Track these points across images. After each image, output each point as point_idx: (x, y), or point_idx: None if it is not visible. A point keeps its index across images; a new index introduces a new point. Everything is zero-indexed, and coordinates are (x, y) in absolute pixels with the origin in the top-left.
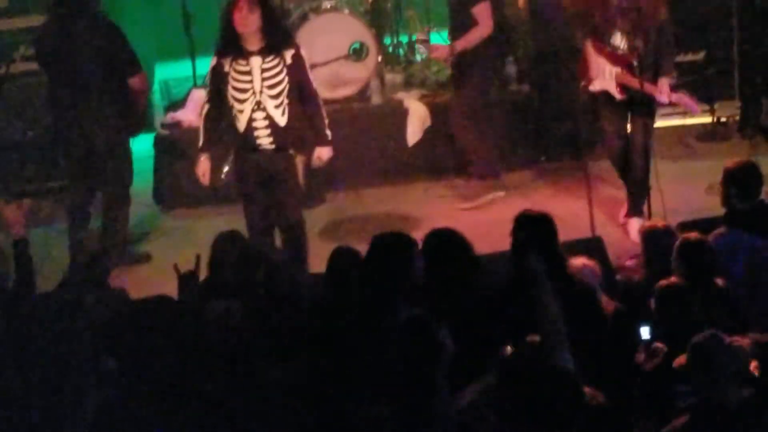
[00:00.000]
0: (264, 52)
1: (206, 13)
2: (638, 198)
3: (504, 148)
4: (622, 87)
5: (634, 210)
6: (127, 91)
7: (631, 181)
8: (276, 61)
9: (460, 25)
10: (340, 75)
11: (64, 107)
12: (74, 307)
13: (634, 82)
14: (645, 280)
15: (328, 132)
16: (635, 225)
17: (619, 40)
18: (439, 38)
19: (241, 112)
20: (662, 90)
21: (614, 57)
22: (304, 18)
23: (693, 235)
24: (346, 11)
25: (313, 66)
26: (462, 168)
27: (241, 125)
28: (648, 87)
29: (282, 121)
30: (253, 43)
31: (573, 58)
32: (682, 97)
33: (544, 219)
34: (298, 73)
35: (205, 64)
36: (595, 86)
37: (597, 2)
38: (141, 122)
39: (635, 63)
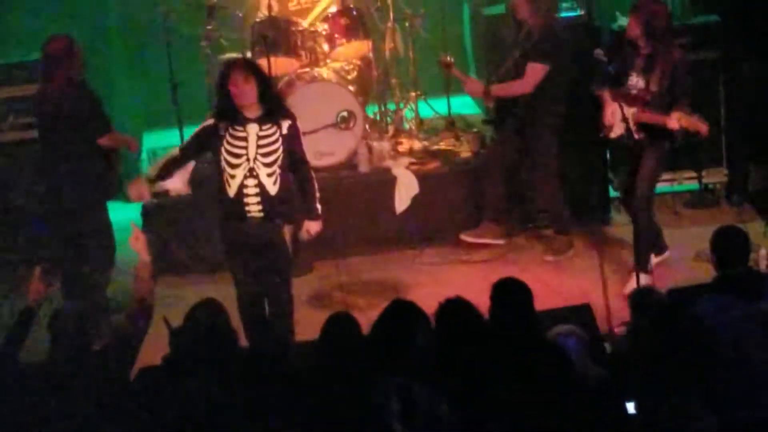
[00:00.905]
0: (261, 120)
1: (193, 83)
2: (639, 250)
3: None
4: (639, 126)
5: (637, 263)
6: (101, 156)
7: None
8: (273, 130)
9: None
10: (328, 143)
11: (45, 173)
12: (68, 377)
13: (649, 118)
14: (632, 348)
15: (319, 206)
16: (632, 281)
17: (635, 80)
18: (426, 106)
19: (232, 177)
20: (674, 117)
21: (630, 98)
22: (290, 86)
23: (666, 303)
24: (333, 80)
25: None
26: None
27: (232, 191)
28: (661, 118)
29: (273, 190)
30: (251, 111)
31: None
32: (692, 120)
33: (520, 287)
34: (293, 143)
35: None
36: (615, 132)
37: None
38: (113, 185)
39: (649, 100)
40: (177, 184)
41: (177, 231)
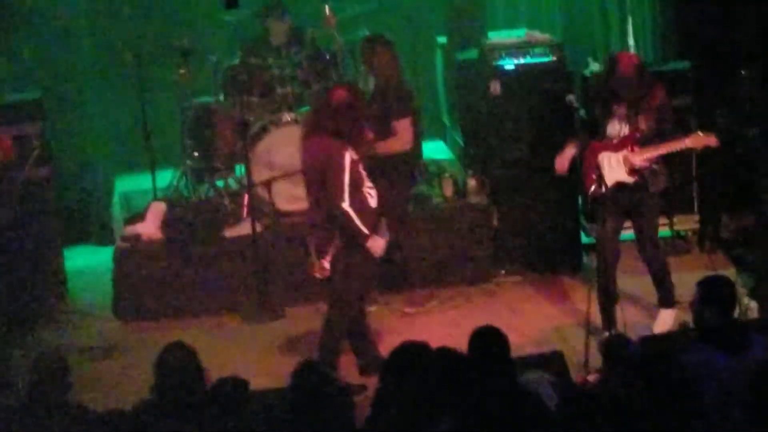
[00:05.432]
0: None
1: (166, 127)
2: (662, 289)
3: (463, 259)
4: (632, 169)
5: (663, 301)
6: None
7: (652, 276)
8: None
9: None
10: (301, 187)
11: None
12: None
13: (666, 148)
14: (603, 393)
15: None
16: (664, 316)
17: (617, 127)
18: None
19: None
20: (694, 136)
21: (617, 144)
22: (264, 130)
23: (656, 351)
24: None
25: (274, 179)
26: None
27: None
28: (676, 143)
29: None
30: None
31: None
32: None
33: (496, 334)
34: None
35: (165, 177)
36: (608, 181)
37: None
38: None
39: (640, 138)
40: (149, 228)
41: (148, 276)
